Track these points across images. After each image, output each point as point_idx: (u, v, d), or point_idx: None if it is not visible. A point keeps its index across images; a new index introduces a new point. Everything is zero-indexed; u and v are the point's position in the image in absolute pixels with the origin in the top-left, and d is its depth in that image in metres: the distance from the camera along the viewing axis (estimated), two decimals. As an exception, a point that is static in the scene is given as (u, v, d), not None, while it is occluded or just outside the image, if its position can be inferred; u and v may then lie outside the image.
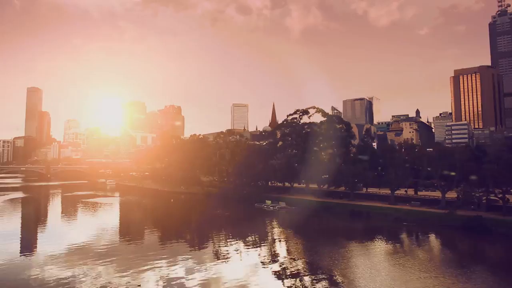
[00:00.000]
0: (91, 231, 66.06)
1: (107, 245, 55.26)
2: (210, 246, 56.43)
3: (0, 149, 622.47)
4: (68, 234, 65.06)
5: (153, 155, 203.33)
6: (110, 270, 42.08)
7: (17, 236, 64.66)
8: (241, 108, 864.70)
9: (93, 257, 47.36)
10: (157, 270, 42.25)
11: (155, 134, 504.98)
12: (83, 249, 52.11)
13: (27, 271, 42.22)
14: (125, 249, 54.37)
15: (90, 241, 57.47)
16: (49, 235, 67.66)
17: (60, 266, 43.59)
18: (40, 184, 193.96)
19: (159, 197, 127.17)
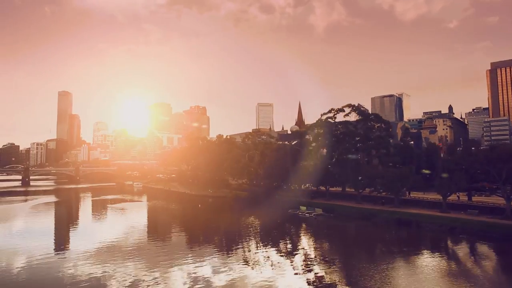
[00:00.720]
0: (120, 233, 67.37)
1: (135, 245, 57.80)
2: (239, 251, 54.02)
3: (34, 151, 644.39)
4: (98, 234, 66.87)
5: (180, 157, 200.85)
6: (139, 268, 44.40)
7: (51, 235, 68.47)
8: (266, 107, 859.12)
9: (122, 255, 50.19)
10: (184, 269, 43.78)
11: (181, 135, 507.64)
12: (112, 248, 54.96)
13: (61, 267, 45.23)
14: (152, 249, 55.98)
15: (119, 241, 59.82)
16: (80, 235, 70.79)
17: (91, 263, 46.32)
18: (70, 187, 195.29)
19: (186, 201, 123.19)
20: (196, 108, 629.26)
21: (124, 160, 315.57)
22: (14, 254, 51.36)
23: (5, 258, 49.18)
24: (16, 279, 40.86)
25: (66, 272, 43.05)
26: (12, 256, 50.49)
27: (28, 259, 48.01)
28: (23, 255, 50.33)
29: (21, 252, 51.88)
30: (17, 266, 45.44)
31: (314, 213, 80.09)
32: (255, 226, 79.10)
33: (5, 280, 40.25)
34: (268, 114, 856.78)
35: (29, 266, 45.30)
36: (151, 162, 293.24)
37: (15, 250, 53.20)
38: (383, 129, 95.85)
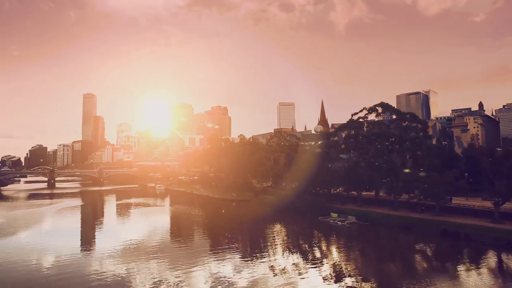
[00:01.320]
0: (143, 237, 67.51)
1: (158, 247, 59.64)
2: (264, 258, 52.41)
3: (61, 152, 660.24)
4: (122, 240, 66.43)
5: (202, 158, 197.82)
6: (162, 268, 47.27)
7: (77, 237, 70.69)
8: (287, 107, 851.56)
9: (145, 256, 53.16)
10: (206, 271, 45.70)
11: (203, 136, 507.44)
12: (136, 249, 57.52)
13: (87, 265, 49.29)
14: (175, 250, 58.11)
15: (143, 243, 61.97)
16: (105, 238, 72.36)
17: (115, 262, 49.96)
18: (94, 189, 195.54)
19: (209, 205, 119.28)
20: (217, 108, 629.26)
21: (147, 161, 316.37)
22: (45, 253, 55.90)
23: (36, 257, 53.44)
24: (47, 275, 44.59)
25: (91, 270, 46.50)
26: (42, 255, 54.74)
27: (57, 257, 52.37)
28: (52, 254, 54.77)
29: (50, 252, 56.24)
30: (47, 265, 49.66)
31: (347, 221, 74.09)
32: (282, 233, 74.11)
33: (36, 276, 44.06)
34: (289, 113, 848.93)
35: (58, 264, 49.36)
36: (173, 164, 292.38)
37: (45, 250, 57.72)
38: (420, 129, 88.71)
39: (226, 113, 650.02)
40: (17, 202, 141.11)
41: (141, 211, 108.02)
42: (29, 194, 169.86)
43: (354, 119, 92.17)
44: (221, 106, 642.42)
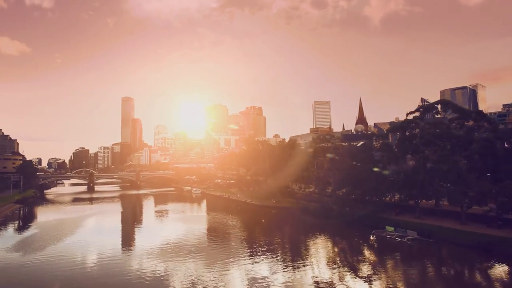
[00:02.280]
0: (180, 250, 63.32)
1: (194, 254, 59.27)
2: (309, 272, 48.34)
3: (102, 155, 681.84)
4: (159, 243, 68.01)
5: (238, 160, 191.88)
6: (199, 267, 50.80)
7: (116, 247, 68.46)
8: (323, 105, 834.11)
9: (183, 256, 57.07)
10: (243, 272, 47.71)
11: (238, 136, 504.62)
12: (174, 254, 58.90)
13: (127, 263, 54.29)
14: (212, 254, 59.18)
15: (179, 253, 60.53)
16: (143, 243, 70.66)
17: (154, 260, 54.46)
18: (131, 193, 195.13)
19: (247, 212, 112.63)
20: (252, 108, 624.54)
21: (182, 163, 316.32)
22: (88, 255, 59.73)
23: (80, 258, 56.96)
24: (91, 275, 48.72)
25: (132, 268, 51.50)
26: (86, 256, 58.94)
27: (99, 261, 55.32)
28: (95, 258, 57.59)
29: (93, 255, 59.58)
30: (90, 264, 53.84)
31: (407, 237, 64.23)
32: (328, 247, 65.68)
33: (82, 276, 48.07)
34: (325, 112, 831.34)
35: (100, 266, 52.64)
36: (209, 165, 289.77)
37: (88, 252, 61.44)
38: (488, 129, 77.06)
39: (261, 113, 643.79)
40: (58, 206, 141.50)
41: (177, 218, 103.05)
42: (69, 199, 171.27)
43: (409, 118, 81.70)
44: (255, 106, 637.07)
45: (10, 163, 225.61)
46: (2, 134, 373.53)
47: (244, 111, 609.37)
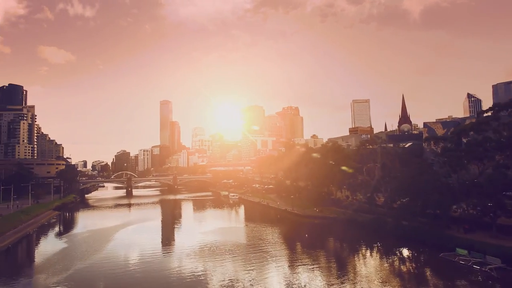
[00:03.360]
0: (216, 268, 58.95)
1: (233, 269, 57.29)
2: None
3: (142, 157, 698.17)
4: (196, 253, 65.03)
5: (277, 164, 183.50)
6: (237, 268, 55.44)
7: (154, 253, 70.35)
8: (362, 104, 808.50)
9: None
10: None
11: (275, 138, 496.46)
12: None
13: (167, 263, 61.24)
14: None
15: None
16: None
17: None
18: (169, 198, 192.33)
19: (288, 222, 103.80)
20: (288, 109, 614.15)
21: (219, 166, 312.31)
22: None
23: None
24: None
25: (171, 267, 57.82)
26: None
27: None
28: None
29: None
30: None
31: (489, 266, 52.25)
32: (384, 270, 54.98)
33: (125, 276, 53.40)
34: (364, 111, 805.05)
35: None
36: (246, 168, 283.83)
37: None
38: None
39: (298, 113, 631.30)
40: (95, 213, 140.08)
41: (215, 230, 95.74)
42: (107, 204, 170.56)
43: (484, 118, 69.36)
44: (292, 107, 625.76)
45: (54, 168, 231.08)
46: (49, 139, 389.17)
47: (280, 111, 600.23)
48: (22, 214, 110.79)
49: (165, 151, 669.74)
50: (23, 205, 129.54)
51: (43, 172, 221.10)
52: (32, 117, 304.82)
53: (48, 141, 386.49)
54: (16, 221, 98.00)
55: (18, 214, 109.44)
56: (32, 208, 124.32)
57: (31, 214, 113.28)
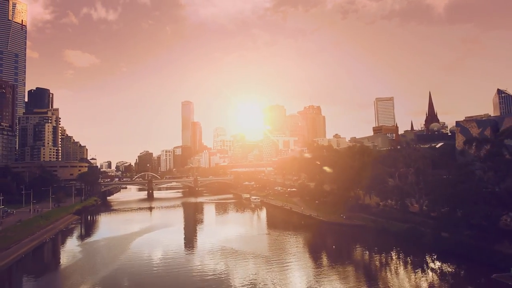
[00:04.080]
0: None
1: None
2: None
3: (164, 157, 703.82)
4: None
5: (299, 166, 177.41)
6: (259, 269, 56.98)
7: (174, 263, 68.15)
8: (386, 102, 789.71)
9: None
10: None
11: (297, 137, 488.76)
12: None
13: (190, 262, 67.25)
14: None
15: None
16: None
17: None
18: (190, 201, 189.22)
19: (313, 230, 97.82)
20: (310, 108, 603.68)
21: (241, 167, 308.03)
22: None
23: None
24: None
25: (194, 266, 62.38)
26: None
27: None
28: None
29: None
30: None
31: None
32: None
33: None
34: (388, 109, 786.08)
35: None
36: (268, 169, 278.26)
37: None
38: None
39: (320, 112, 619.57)
40: (115, 218, 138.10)
41: (236, 238, 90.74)
42: (127, 207, 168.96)
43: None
44: (313, 106, 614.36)
45: (76, 170, 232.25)
46: (73, 141, 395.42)
47: (302, 111, 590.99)
48: (41, 219, 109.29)
49: (187, 151, 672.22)
50: (44, 209, 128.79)
51: (66, 174, 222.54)
52: (56, 120, 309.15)
53: (73, 143, 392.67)
54: (34, 227, 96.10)
55: (37, 219, 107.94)
56: (52, 213, 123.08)
57: (50, 219, 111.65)
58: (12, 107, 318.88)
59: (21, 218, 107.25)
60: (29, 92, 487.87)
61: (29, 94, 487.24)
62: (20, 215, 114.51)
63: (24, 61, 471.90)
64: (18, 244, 78.99)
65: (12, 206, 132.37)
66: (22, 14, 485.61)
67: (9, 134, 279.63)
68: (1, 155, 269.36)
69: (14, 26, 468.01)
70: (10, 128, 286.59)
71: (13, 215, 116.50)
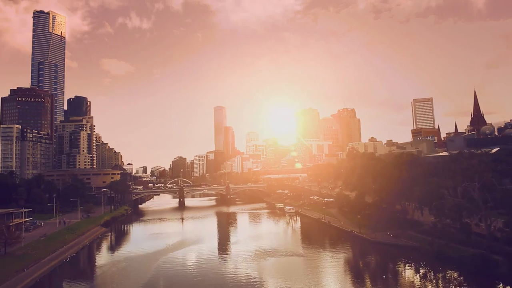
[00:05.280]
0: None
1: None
2: None
3: (197, 163, 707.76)
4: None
5: (336, 174, 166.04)
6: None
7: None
8: (424, 103, 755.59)
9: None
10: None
11: (331, 141, 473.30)
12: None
13: (223, 267, 71.63)
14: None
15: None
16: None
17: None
18: (222, 211, 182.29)
19: (356, 250, 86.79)
20: (344, 111, 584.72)
21: (273, 173, 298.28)
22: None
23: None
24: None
25: (227, 270, 67.27)
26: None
27: None
28: None
29: None
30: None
31: None
32: None
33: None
34: (426, 110, 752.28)
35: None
36: (302, 176, 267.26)
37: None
38: None
39: (354, 115, 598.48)
40: (144, 230, 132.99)
41: (272, 254, 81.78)
42: (158, 217, 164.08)
43: None
44: (348, 109, 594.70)
45: (109, 178, 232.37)
46: (108, 148, 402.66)
47: (336, 114, 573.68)
48: (68, 232, 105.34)
49: (220, 156, 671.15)
50: (72, 220, 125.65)
51: (99, 182, 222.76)
52: (91, 128, 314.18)
53: (108, 149, 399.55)
54: (57, 243, 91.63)
55: (63, 233, 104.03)
56: (79, 225, 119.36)
57: (76, 232, 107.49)
58: (51, 116, 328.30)
59: (47, 231, 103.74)
60: (68, 101, 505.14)
61: (68, 103, 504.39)
62: (48, 227, 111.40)
63: (63, 71, 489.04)
64: (37, 264, 73.94)
65: (43, 216, 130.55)
66: (61, 26, 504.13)
67: (47, 142, 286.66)
68: (40, 163, 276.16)
69: (53, 37, 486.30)
70: (48, 136, 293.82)
71: (40, 227, 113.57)
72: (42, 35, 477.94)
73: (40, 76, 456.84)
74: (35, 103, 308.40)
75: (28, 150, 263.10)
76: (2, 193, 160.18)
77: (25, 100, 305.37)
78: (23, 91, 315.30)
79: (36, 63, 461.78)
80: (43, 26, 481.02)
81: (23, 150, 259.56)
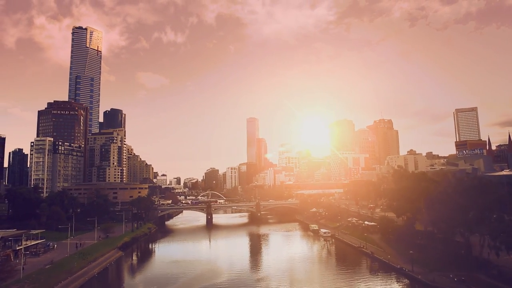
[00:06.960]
0: None
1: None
2: None
3: (229, 174, 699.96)
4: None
5: (377, 192, 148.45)
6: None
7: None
8: (467, 113, 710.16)
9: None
10: None
11: (368, 154, 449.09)
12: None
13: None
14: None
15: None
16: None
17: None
18: (251, 231, 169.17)
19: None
20: (380, 121, 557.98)
21: (307, 188, 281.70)
22: None
23: None
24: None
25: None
26: None
27: None
28: None
29: None
30: None
31: None
32: None
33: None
34: (471, 121, 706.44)
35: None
36: (338, 192, 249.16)
37: None
38: None
39: (391, 126, 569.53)
40: (165, 255, 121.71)
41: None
42: (183, 239, 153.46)
43: None
44: (384, 119, 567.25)
45: (136, 192, 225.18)
46: (140, 160, 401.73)
47: (372, 125, 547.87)
48: (79, 258, 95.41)
49: (252, 168, 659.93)
50: (88, 242, 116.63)
51: (126, 196, 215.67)
52: (121, 140, 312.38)
53: (139, 161, 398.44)
54: (63, 273, 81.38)
55: (73, 259, 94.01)
56: (94, 248, 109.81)
57: (88, 257, 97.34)
58: (84, 128, 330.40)
59: (56, 256, 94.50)
60: (104, 113, 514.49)
61: (104, 115, 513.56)
62: (59, 251, 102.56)
63: (98, 84, 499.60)
64: (31, 303, 63.56)
65: (59, 235, 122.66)
66: (98, 41, 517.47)
67: (78, 155, 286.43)
68: (70, 175, 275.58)
69: (90, 52, 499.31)
70: (80, 149, 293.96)
71: (52, 250, 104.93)
72: (80, 50, 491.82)
73: (77, 90, 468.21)
74: (69, 116, 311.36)
75: (60, 163, 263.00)
76: (25, 208, 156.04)
77: (60, 113, 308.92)
78: (59, 104, 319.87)
79: (73, 77, 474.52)
80: (81, 42, 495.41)
81: (55, 163, 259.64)
